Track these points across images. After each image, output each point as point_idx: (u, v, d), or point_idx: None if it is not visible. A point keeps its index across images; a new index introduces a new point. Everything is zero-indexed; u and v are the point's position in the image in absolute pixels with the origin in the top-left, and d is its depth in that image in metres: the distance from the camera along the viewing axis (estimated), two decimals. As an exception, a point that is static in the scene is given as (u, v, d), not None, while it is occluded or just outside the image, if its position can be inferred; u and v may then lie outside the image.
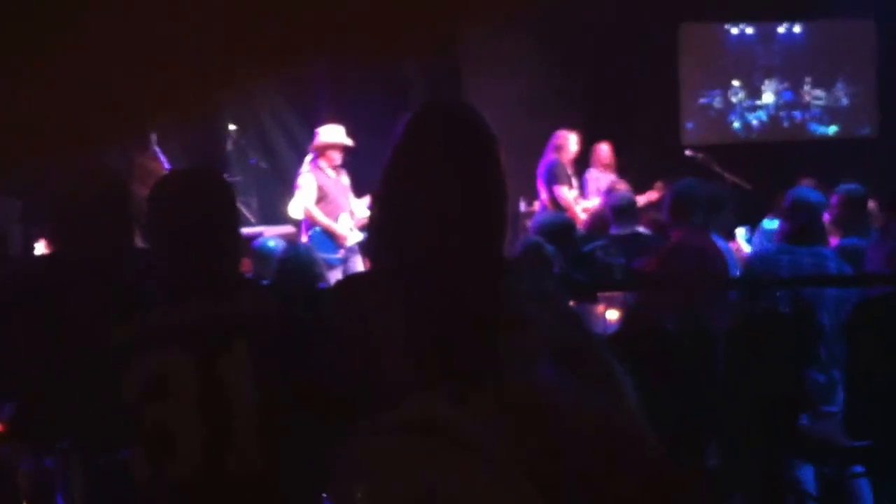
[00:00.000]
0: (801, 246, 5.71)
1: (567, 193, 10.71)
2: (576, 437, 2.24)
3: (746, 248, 9.02)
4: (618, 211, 7.47)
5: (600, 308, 5.36)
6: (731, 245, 8.21)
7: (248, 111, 12.68)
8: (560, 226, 7.05)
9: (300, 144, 11.98)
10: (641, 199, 9.98)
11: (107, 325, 3.07)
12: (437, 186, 2.49)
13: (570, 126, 11.25)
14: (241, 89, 12.30)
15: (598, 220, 8.23)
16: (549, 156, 10.95)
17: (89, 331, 3.21)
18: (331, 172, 9.73)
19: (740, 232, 9.55)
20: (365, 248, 9.48)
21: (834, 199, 6.94)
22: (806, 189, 6.55)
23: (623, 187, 9.90)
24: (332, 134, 9.76)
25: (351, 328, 2.45)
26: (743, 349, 4.60)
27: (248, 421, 2.91)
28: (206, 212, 3.16)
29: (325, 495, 2.60)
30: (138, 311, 3.04)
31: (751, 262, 6.32)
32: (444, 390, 2.28)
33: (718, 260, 6.17)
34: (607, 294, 5.58)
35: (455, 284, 2.43)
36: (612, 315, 5.43)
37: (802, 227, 5.76)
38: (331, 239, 9.54)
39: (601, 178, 11.38)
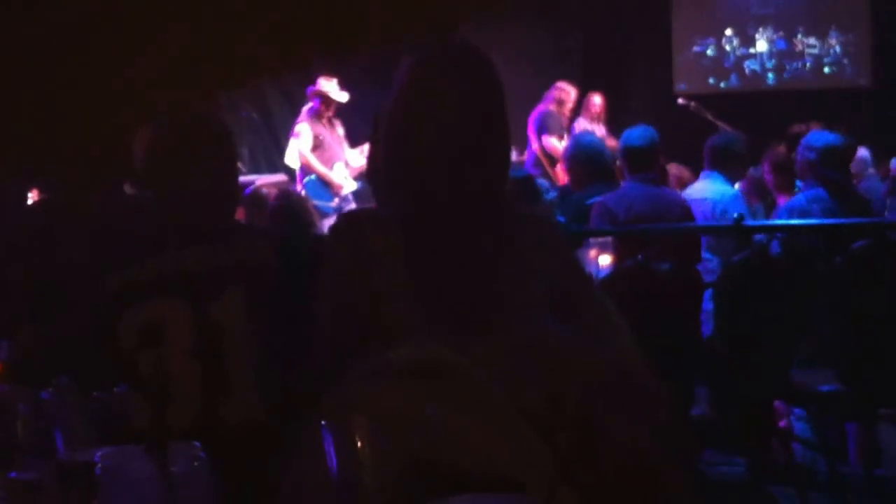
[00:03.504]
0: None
1: (557, 144, 10.69)
2: (576, 382, 2.24)
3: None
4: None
5: (592, 252, 5.34)
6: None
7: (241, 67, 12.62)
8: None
9: (292, 95, 11.96)
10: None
11: (102, 271, 3.06)
12: (444, 125, 2.47)
13: (562, 76, 11.25)
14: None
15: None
16: (544, 105, 10.95)
17: (84, 275, 3.21)
18: (325, 122, 9.74)
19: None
20: (369, 191, 9.48)
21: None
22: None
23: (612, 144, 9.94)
24: (328, 86, 9.76)
25: (352, 266, 2.44)
26: (735, 294, 4.61)
27: (246, 367, 2.91)
28: (203, 157, 3.14)
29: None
30: (134, 257, 3.03)
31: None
32: (446, 335, 2.28)
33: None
34: (600, 239, 5.56)
35: (461, 229, 2.43)
36: (605, 260, 5.41)
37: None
38: (326, 187, 9.59)
39: (589, 128, 11.34)
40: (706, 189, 7.00)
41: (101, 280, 3.05)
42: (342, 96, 9.80)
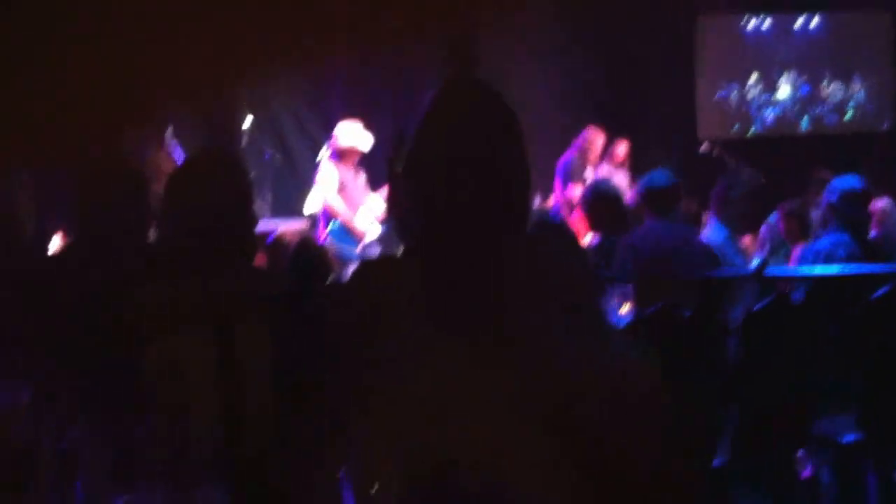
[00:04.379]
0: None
1: (578, 191, 10.72)
2: (587, 396, 2.25)
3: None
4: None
5: (614, 301, 5.33)
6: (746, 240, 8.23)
7: (262, 105, 12.71)
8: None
9: (314, 138, 12.01)
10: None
11: (123, 307, 3.09)
12: (457, 165, 2.48)
13: (589, 121, 11.29)
14: (255, 83, 12.42)
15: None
16: (569, 153, 11.02)
17: (105, 312, 3.23)
18: (349, 168, 9.78)
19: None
20: (392, 235, 9.55)
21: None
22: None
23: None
24: (351, 136, 9.79)
25: (363, 307, 2.45)
26: (756, 342, 4.58)
27: (263, 400, 2.93)
28: (223, 194, 3.19)
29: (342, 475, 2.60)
30: (153, 293, 3.05)
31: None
32: (458, 360, 2.28)
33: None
34: (622, 288, 5.55)
35: (472, 264, 2.42)
36: (626, 307, 5.40)
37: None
38: (350, 233, 9.59)
39: (613, 174, 11.38)
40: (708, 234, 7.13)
41: (123, 316, 3.07)
42: (365, 143, 9.82)
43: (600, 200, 6.98)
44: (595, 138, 11.13)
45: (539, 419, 2.22)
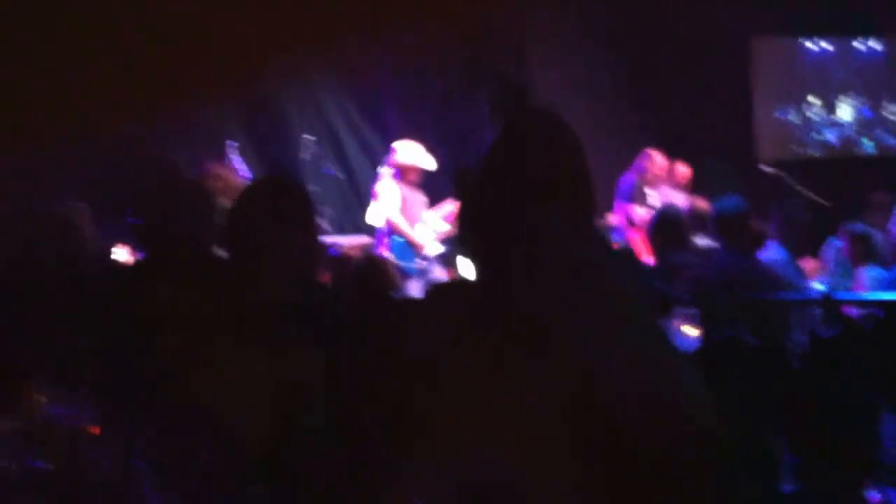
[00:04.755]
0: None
1: (638, 212, 10.78)
2: (635, 414, 2.29)
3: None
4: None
5: (675, 322, 5.31)
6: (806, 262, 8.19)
7: (323, 122, 12.80)
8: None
9: (374, 153, 12.09)
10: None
11: (185, 326, 3.14)
12: (525, 191, 2.52)
13: (646, 143, 11.32)
14: (314, 96, 12.52)
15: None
16: (630, 174, 11.06)
17: (169, 330, 3.29)
18: (409, 185, 9.86)
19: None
20: (452, 253, 9.63)
21: None
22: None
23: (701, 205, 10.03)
24: (412, 154, 9.88)
25: (429, 328, 2.50)
26: (825, 365, 4.57)
27: (318, 421, 2.96)
28: (285, 221, 3.26)
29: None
30: (215, 312, 3.10)
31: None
32: (515, 379, 2.32)
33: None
34: (686, 310, 5.54)
35: (537, 286, 2.45)
36: (691, 332, 5.37)
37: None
38: (411, 248, 9.67)
39: (673, 196, 11.40)
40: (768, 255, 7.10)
41: (181, 334, 3.12)
42: (427, 163, 9.92)
43: (666, 225, 6.99)
44: (656, 157, 11.16)
45: (592, 442, 2.26)
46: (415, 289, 9.60)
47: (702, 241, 7.85)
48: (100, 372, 3.39)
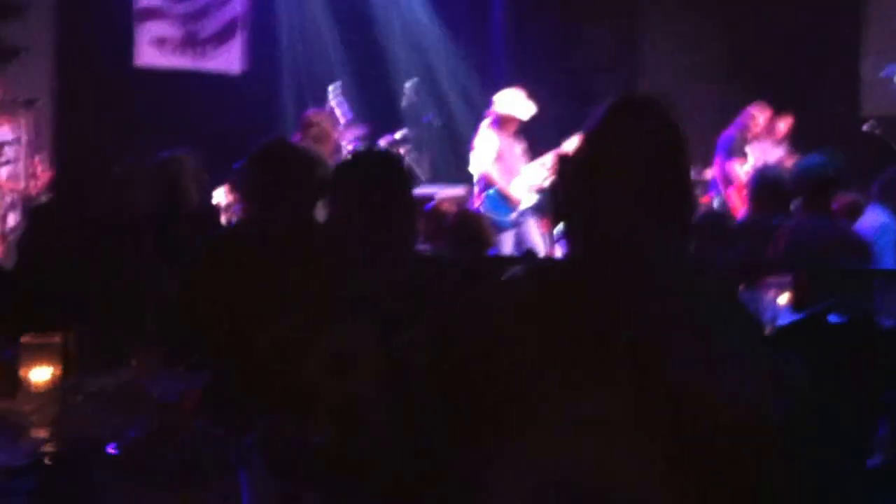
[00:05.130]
0: None
1: (738, 169, 10.70)
2: (713, 429, 2.31)
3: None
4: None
5: (771, 293, 5.27)
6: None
7: (423, 68, 12.84)
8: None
9: (474, 102, 12.09)
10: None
11: (291, 302, 3.17)
12: (623, 173, 2.52)
13: (752, 97, 11.21)
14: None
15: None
16: (730, 130, 10.98)
17: (276, 304, 3.33)
18: (507, 136, 9.85)
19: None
20: (546, 205, 9.63)
21: None
22: None
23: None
24: (511, 104, 9.85)
25: (507, 322, 2.51)
26: None
27: (428, 398, 2.94)
28: (386, 195, 3.28)
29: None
30: (320, 285, 3.12)
31: None
32: (586, 374, 2.35)
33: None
34: (779, 279, 5.48)
35: (627, 280, 2.46)
36: (783, 299, 5.33)
37: None
38: (505, 201, 9.69)
39: (770, 151, 11.32)
40: (867, 221, 6.85)
41: (287, 308, 3.16)
42: (526, 112, 9.88)
43: (765, 185, 6.88)
44: (759, 115, 11.05)
45: (669, 446, 2.29)
46: (507, 241, 9.64)
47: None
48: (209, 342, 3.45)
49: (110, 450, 2.80)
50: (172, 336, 3.43)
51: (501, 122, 9.85)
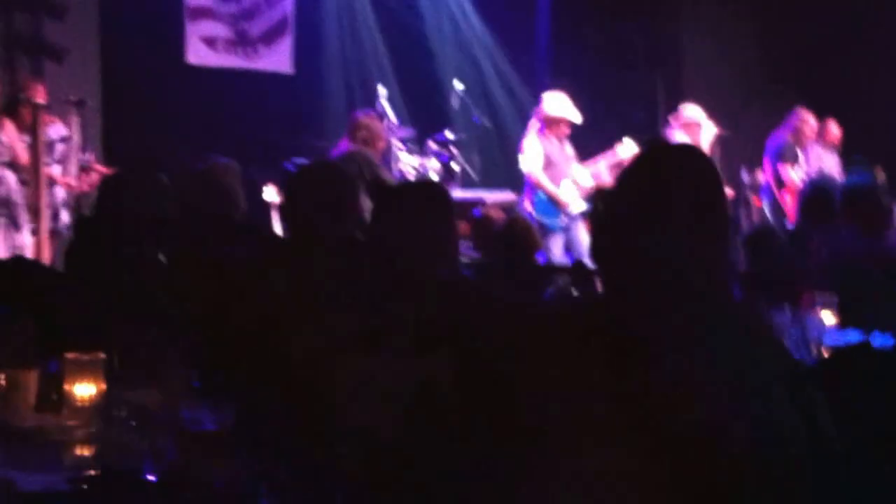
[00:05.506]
0: None
1: (792, 173, 10.65)
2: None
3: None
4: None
5: (818, 311, 5.23)
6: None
7: (472, 69, 12.87)
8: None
9: (522, 105, 12.09)
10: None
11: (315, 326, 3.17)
12: (649, 216, 2.53)
13: (796, 101, 11.16)
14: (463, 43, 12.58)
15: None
16: (781, 134, 10.92)
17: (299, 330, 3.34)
18: (555, 140, 9.84)
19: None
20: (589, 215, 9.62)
21: None
22: None
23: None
24: (559, 106, 9.84)
25: (547, 362, 2.53)
26: None
27: (449, 427, 2.95)
28: (425, 223, 3.29)
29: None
30: (347, 311, 3.12)
31: None
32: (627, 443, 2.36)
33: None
34: (826, 297, 5.44)
35: (651, 322, 2.46)
36: (829, 319, 5.28)
37: None
38: (554, 205, 9.68)
39: (824, 156, 11.27)
40: None
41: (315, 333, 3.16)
42: (573, 114, 9.87)
43: (816, 198, 6.81)
44: (807, 119, 10.99)
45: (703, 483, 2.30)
46: (557, 245, 9.63)
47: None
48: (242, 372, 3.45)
49: (147, 475, 2.82)
50: (204, 359, 3.44)
51: (548, 125, 9.84)
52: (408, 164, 11.24)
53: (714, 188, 2.58)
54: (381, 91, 11.72)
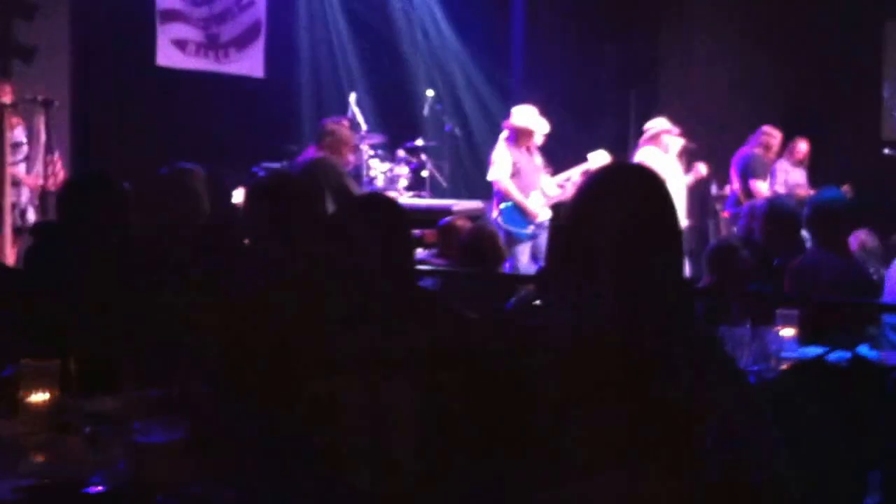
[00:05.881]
0: None
1: (762, 187, 10.77)
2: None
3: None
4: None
5: (777, 326, 5.27)
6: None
7: (442, 77, 12.89)
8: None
9: (494, 116, 12.12)
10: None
11: (283, 346, 3.14)
12: (606, 237, 2.54)
13: (768, 118, 11.26)
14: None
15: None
16: (749, 149, 11.03)
17: (268, 347, 3.31)
18: (524, 151, 9.88)
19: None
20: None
21: None
22: None
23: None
24: (527, 117, 9.87)
25: (523, 382, 2.53)
26: None
27: (409, 451, 2.93)
28: (385, 240, 3.23)
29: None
30: (313, 332, 3.07)
31: None
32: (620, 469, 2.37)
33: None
34: (786, 312, 5.48)
35: (616, 349, 2.47)
36: (789, 333, 5.32)
37: None
38: (522, 214, 9.70)
39: (790, 172, 11.41)
40: None
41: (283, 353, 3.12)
42: (541, 126, 9.90)
43: (776, 218, 6.86)
44: (774, 134, 11.11)
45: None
46: (524, 254, 9.67)
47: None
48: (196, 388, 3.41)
49: (97, 486, 2.80)
50: (166, 373, 3.40)
51: (518, 136, 9.86)
52: (378, 170, 11.25)
53: (660, 204, 2.59)
54: (353, 97, 11.74)
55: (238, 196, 9.22)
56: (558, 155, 10.17)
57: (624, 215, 2.55)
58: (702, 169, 10.44)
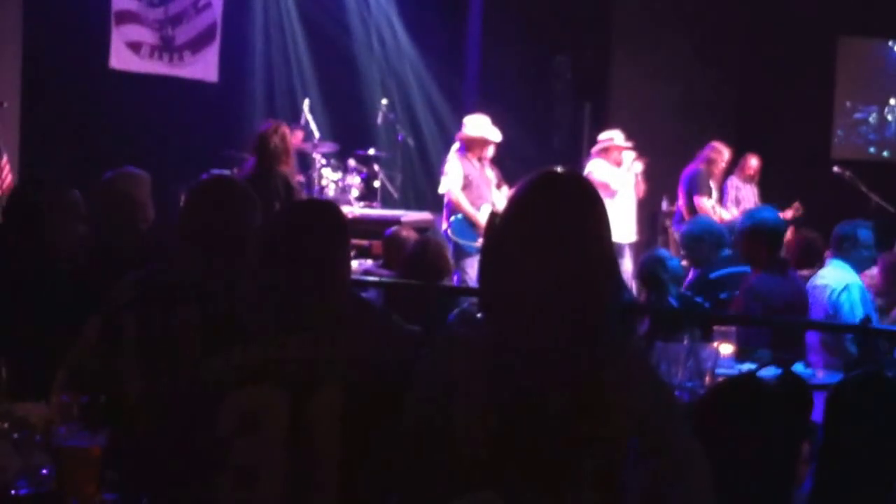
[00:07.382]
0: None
1: (706, 203, 10.81)
2: None
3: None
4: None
5: (714, 343, 5.31)
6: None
7: (396, 86, 12.90)
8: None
9: (448, 128, 12.13)
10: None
11: (204, 356, 3.12)
12: (535, 249, 2.54)
13: (719, 133, 11.32)
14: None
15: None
16: (695, 165, 11.08)
17: (186, 359, 3.31)
18: (476, 163, 9.86)
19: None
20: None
21: None
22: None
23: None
24: (479, 127, 9.87)
25: (435, 396, 2.54)
26: (846, 414, 4.26)
27: (332, 463, 2.93)
28: (316, 245, 3.16)
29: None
30: (237, 344, 3.04)
31: None
32: (521, 480, 2.39)
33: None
34: (724, 329, 5.54)
35: (545, 374, 2.48)
36: (726, 349, 5.37)
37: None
38: (471, 227, 9.68)
39: (742, 188, 11.50)
40: (828, 276, 6.70)
41: (203, 363, 3.09)
42: (493, 136, 9.89)
43: (708, 237, 6.99)
44: (721, 150, 11.16)
45: None
46: (473, 267, 9.65)
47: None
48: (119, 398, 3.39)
49: (21, 490, 2.80)
50: (86, 383, 3.37)
51: (469, 146, 9.84)
52: (329, 179, 11.23)
53: (594, 216, 2.60)
54: (306, 104, 11.73)
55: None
56: (511, 168, 10.19)
57: (542, 222, 2.56)
58: (637, 167, 10.42)
